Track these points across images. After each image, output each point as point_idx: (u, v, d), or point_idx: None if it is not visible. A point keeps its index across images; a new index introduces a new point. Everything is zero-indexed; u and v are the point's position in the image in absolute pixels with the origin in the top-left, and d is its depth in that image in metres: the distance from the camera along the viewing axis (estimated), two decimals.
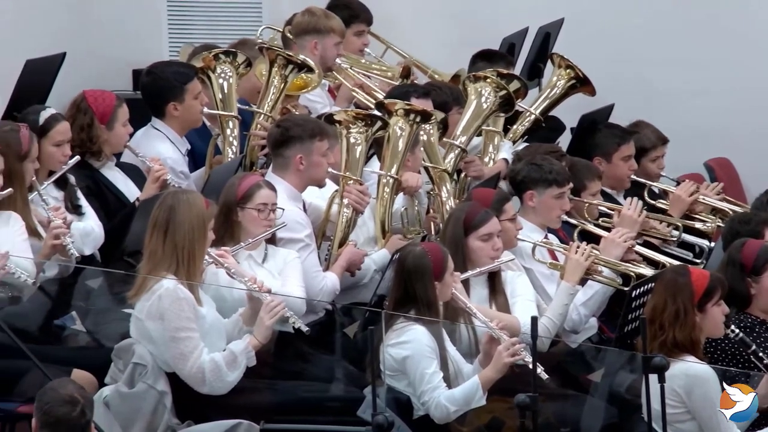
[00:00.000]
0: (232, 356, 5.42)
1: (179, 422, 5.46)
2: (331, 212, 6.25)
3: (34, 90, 6.81)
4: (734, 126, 8.64)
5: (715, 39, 8.67)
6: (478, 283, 6.00)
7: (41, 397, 4.44)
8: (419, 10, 8.67)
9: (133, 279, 5.45)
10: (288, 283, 5.80)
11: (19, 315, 5.73)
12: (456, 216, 6.05)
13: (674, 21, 8.72)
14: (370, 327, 5.31)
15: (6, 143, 5.81)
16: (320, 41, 7.20)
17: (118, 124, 6.35)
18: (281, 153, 6.14)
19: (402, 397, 5.57)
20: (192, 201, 5.47)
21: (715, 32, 8.68)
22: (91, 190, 6.25)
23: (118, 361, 5.49)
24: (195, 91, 6.58)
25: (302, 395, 5.59)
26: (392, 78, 7.50)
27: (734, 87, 8.63)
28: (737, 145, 8.59)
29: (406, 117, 6.38)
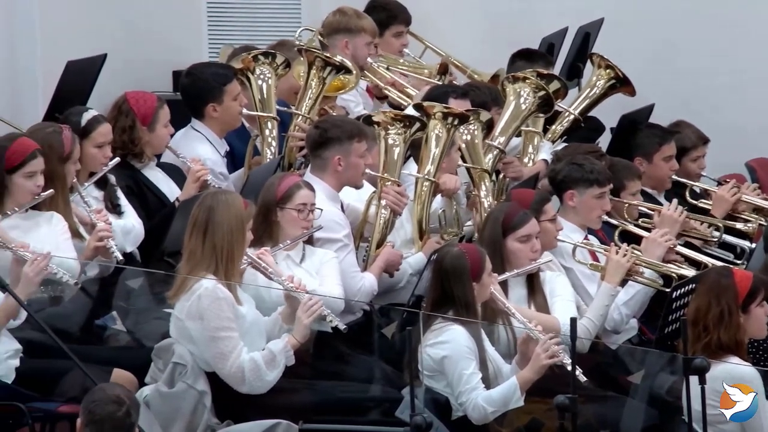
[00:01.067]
0: (271, 355, 5.45)
1: (219, 422, 5.49)
2: (369, 213, 6.26)
3: (75, 91, 6.87)
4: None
5: (755, 38, 8.61)
6: (516, 283, 5.99)
7: (89, 396, 4.48)
8: (458, 10, 8.66)
9: (173, 279, 5.48)
10: (326, 282, 5.82)
11: (61, 315, 5.77)
12: (494, 217, 6.04)
13: (714, 21, 8.67)
14: (408, 327, 5.31)
15: (48, 144, 5.86)
16: (351, 41, 7.22)
17: (160, 126, 6.39)
18: (320, 154, 6.15)
19: (440, 398, 5.57)
20: (231, 201, 5.50)
21: (756, 32, 8.61)
22: (131, 190, 6.29)
23: (158, 361, 5.52)
24: (234, 92, 6.61)
25: (341, 395, 5.60)
26: (429, 75, 7.50)
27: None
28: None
29: (443, 120, 6.38)
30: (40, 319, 5.43)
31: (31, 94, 7.78)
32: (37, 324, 5.44)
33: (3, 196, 5.76)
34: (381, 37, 7.65)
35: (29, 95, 7.78)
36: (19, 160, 5.73)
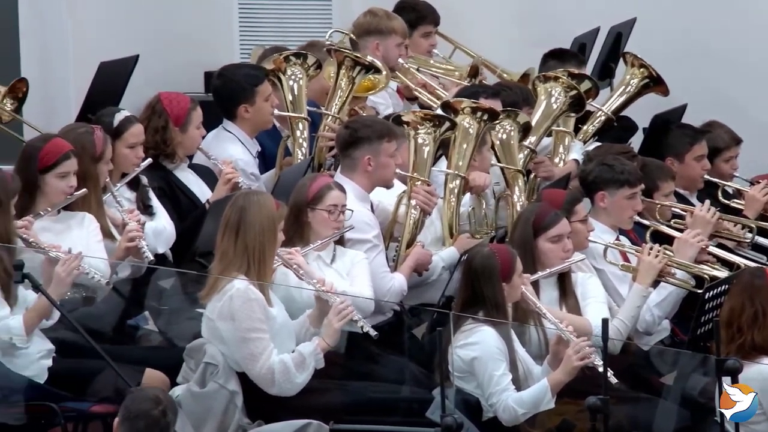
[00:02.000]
0: (300, 358, 5.45)
1: (250, 422, 5.50)
2: (399, 213, 6.26)
3: (107, 92, 6.91)
4: None
5: None
6: (548, 284, 5.97)
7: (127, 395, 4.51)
8: (487, 10, 8.64)
9: (204, 279, 5.49)
10: (356, 283, 5.82)
11: (93, 315, 5.79)
12: (525, 217, 6.03)
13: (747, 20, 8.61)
14: (438, 328, 5.31)
15: (80, 145, 5.88)
16: (382, 42, 7.23)
17: (192, 127, 6.40)
18: (350, 154, 6.15)
19: (471, 399, 5.56)
20: (263, 202, 5.51)
21: None
22: (163, 191, 6.32)
23: (190, 361, 5.54)
24: (265, 93, 6.62)
25: (371, 396, 5.60)
26: (460, 78, 7.49)
27: None
28: None
29: (473, 115, 6.37)
30: (73, 319, 5.46)
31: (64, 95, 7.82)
32: (70, 324, 5.47)
33: (36, 197, 5.79)
34: (410, 38, 7.64)
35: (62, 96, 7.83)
36: (53, 160, 5.76)
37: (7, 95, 6.75)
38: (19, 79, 6.85)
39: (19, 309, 5.50)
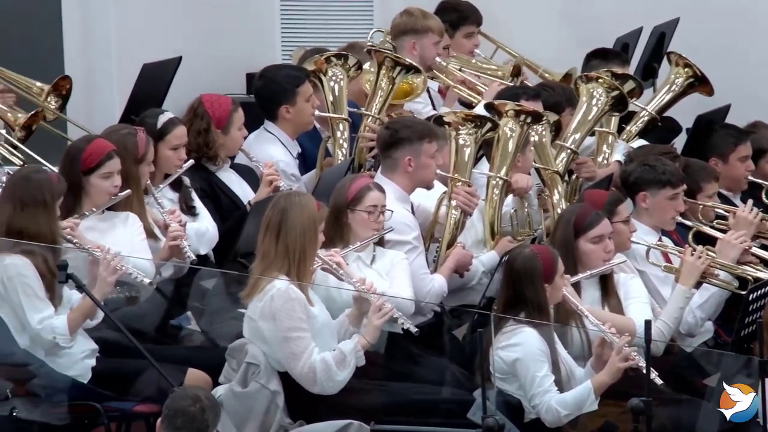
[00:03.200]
0: (341, 356, 5.46)
1: (291, 422, 5.52)
2: (440, 214, 6.25)
3: (150, 94, 6.95)
4: None
5: None
6: (590, 285, 5.94)
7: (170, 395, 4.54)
8: (530, 10, 8.62)
9: (246, 280, 5.52)
10: (396, 284, 5.82)
11: (137, 315, 5.82)
12: (566, 218, 6.00)
13: None
14: (479, 329, 5.30)
15: (123, 146, 5.92)
16: (419, 41, 7.23)
17: (234, 129, 6.43)
18: (390, 154, 6.16)
19: (513, 400, 5.55)
20: (303, 203, 5.52)
21: None
22: (206, 192, 6.35)
23: (232, 361, 5.56)
24: (306, 94, 6.64)
25: (412, 397, 5.60)
26: (502, 78, 7.47)
27: None
28: None
29: (516, 118, 6.36)
30: (116, 318, 5.50)
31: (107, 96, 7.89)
32: (113, 324, 5.51)
33: (80, 197, 5.83)
34: (452, 38, 7.64)
35: (105, 98, 7.90)
36: (96, 161, 5.81)
37: (51, 93, 6.81)
38: (63, 76, 6.90)
39: (64, 309, 5.55)
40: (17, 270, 5.45)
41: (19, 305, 5.47)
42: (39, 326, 5.46)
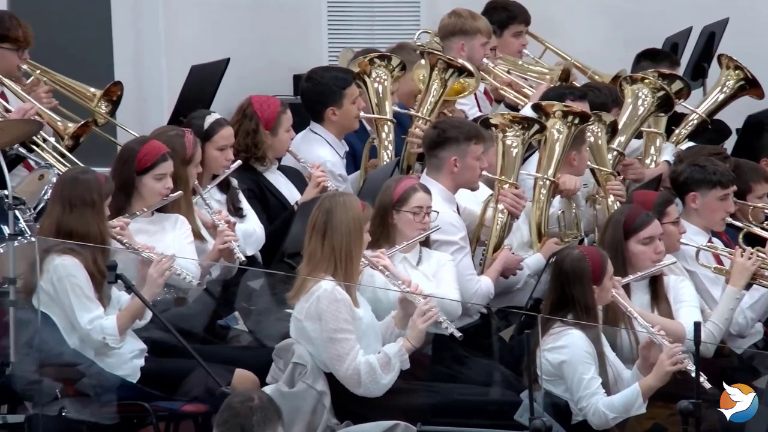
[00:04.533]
0: (386, 358, 5.46)
1: (338, 422, 5.52)
2: (486, 216, 6.23)
3: (199, 95, 7.00)
4: None
5: None
6: (639, 288, 5.90)
7: None
8: (579, 9, 8.58)
9: (293, 280, 5.53)
10: (442, 285, 5.81)
11: (185, 316, 5.86)
12: (616, 219, 5.96)
13: None
14: (526, 331, 5.27)
15: (171, 147, 5.96)
16: (467, 42, 7.22)
17: (282, 130, 6.46)
18: (436, 154, 6.15)
19: (560, 402, 5.52)
20: (349, 204, 5.53)
21: None
22: (253, 193, 6.38)
23: (279, 361, 5.57)
24: (353, 95, 6.65)
25: (459, 398, 5.59)
26: (551, 81, 7.44)
27: None
28: None
29: (563, 119, 6.32)
30: (164, 319, 5.53)
31: (157, 98, 7.95)
32: (162, 324, 5.54)
33: (132, 198, 5.88)
34: (500, 38, 7.62)
35: (154, 99, 7.96)
36: (150, 162, 5.85)
37: (102, 98, 6.87)
38: (115, 82, 6.97)
39: (113, 309, 5.59)
40: (67, 270, 5.50)
41: (69, 305, 5.51)
42: (89, 326, 5.50)
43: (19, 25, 6.66)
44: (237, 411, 4.44)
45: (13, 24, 6.65)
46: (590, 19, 8.62)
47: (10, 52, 6.62)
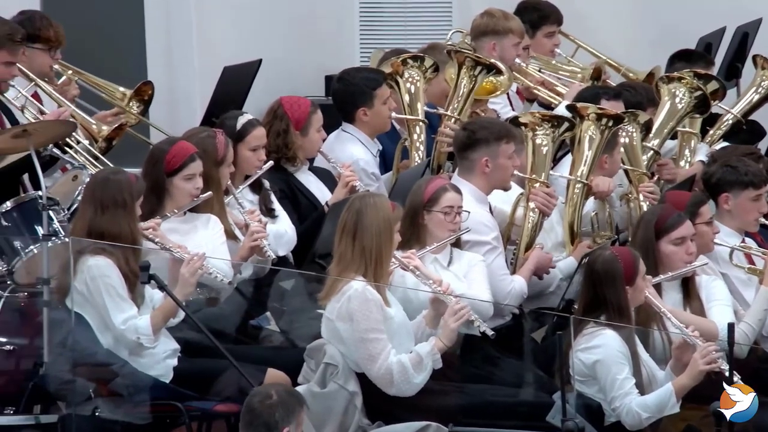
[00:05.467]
0: (418, 358, 5.46)
1: (370, 422, 5.52)
2: (517, 216, 6.22)
3: (231, 96, 7.02)
4: None
5: None
6: (671, 287, 5.88)
7: None
8: (611, 8, 8.54)
9: (324, 280, 5.54)
10: (474, 286, 5.80)
11: (217, 316, 5.87)
12: (647, 219, 5.94)
13: None
14: (558, 332, 5.26)
15: (203, 148, 5.97)
16: (499, 42, 7.20)
17: (313, 130, 6.47)
18: (467, 156, 6.14)
19: (593, 403, 5.51)
20: (379, 204, 5.53)
21: None
22: (285, 193, 6.39)
23: (310, 361, 5.58)
24: (384, 96, 6.65)
25: (490, 399, 5.58)
26: (582, 80, 7.42)
27: None
28: None
29: (597, 121, 6.30)
30: (197, 319, 5.55)
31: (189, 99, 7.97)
32: (194, 324, 5.56)
33: (163, 199, 5.89)
34: (533, 38, 7.61)
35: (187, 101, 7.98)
36: (179, 163, 5.86)
37: (133, 98, 6.91)
38: (145, 82, 7.00)
39: (146, 309, 5.61)
40: (100, 271, 5.52)
41: (102, 305, 5.53)
42: (123, 326, 5.52)
43: (50, 25, 6.70)
44: (258, 411, 4.46)
45: (44, 24, 6.69)
46: (623, 18, 8.58)
47: (42, 53, 6.66)
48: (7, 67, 6.38)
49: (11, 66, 6.40)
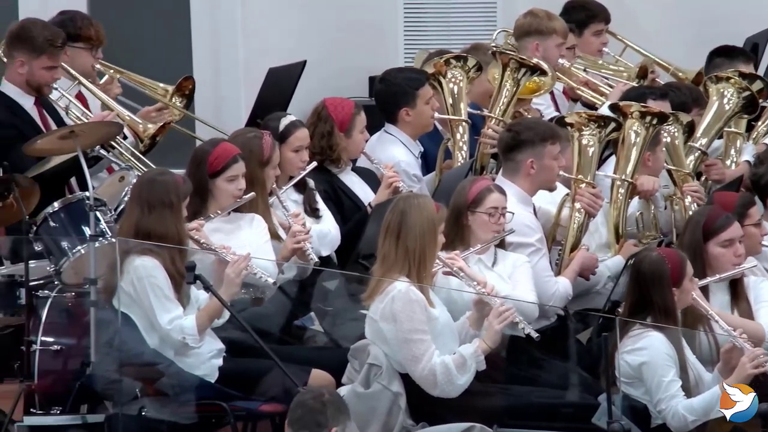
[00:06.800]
0: (461, 359, 5.45)
1: (414, 423, 5.51)
2: (562, 216, 6.19)
3: (276, 97, 7.05)
4: None
5: None
6: (719, 289, 5.83)
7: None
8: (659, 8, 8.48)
9: (368, 281, 5.54)
10: (518, 287, 5.78)
11: (262, 316, 5.89)
12: (695, 221, 5.90)
13: None
14: (604, 333, 5.23)
15: (248, 149, 5.99)
16: (542, 43, 7.18)
17: (356, 132, 6.48)
18: (512, 157, 6.12)
19: (638, 405, 5.47)
20: (423, 205, 5.53)
21: None
22: (328, 194, 6.40)
23: (354, 362, 5.58)
24: (426, 96, 6.65)
25: (535, 400, 5.56)
26: (628, 79, 7.38)
27: None
28: None
29: (641, 120, 6.26)
30: (242, 319, 5.57)
31: (234, 101, 8.01)
32: (239, 324, 5.58)
33: (206, 200, 5.92)
34: (580, 37, 7.58)
35: (232, 102, 8.02)
36: (222, 164, 5.88)
37: (175, 94, 6.94)
38: (186, 77, 7.03)
39: (191, 309, 5.63)
40: (147, 271, 5.55)
41: (149, 306, 5.56)
42: (169, 326, 5.54)
43: (90, 24, 6.75)
44: (310, 407, 4.46)
45: (84, 23, 6.75)
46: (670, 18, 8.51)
47: (84, 52, 6.72)
48: (49, 71, 6.45)
49: (53, 70, 6.46)
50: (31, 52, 6.41)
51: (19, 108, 6.47)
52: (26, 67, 6.43)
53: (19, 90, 6.46)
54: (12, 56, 6.47)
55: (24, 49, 6.42)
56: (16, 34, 6.48)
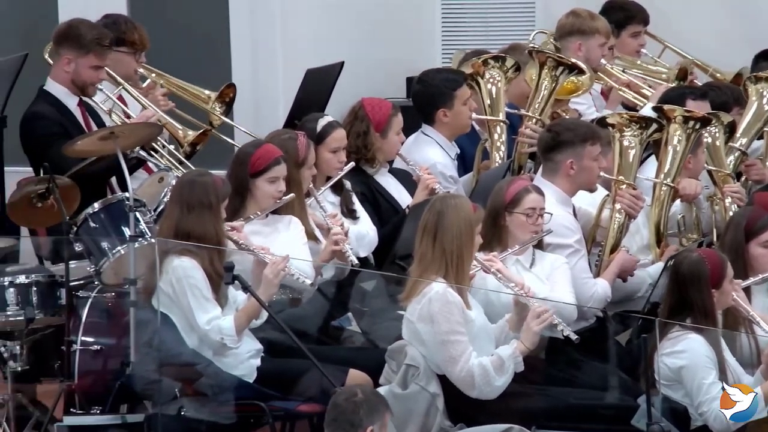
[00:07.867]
0: (499, 361, 5.43)
1: (451, 424, 5.51)
2: (602, 217, 6.15)
3: (314, 99, 7.06)
4: None
5: None
6: (761, 291, 5.79)
7: None
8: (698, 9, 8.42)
9: (405, 281, 5.53)
10: (557, 288, 5.76)
11: (299, 316, 5.90)
12: (736, 221, 5.85)
13: None
14: (643, 335, 5.20)
15: (284, 150, 6.00)
16: (584, 42, 7.15)
17: (392, 133, 6.48)
18: (551, 157, 6.09)
19: (678, 407, 5.44)
20: (460, 205, 5.51)
21: None
22: (365, 196, 6.40)
23: (392, 362, 5.58)
24: (464, 97, 6.63)
25: (574, 402, 5.53)
26: (667, 80, 7.34)
27: None
28: None
29: (684, 124, 6.22)
30: (280, 320, 5.58)
31: (273, 102, 8.03)
32: (277, 325, 5.59)
33: (247, 200, 5.94)
34: (618, 38, 7.54)
35: (270, 103, 8.05)
36: (263, 165, 5.90)
37: (216, 100, 6.97)
38: (228, 84, 7.06)
39: (229, 310, 5.65)
40: (185, 272, 5.57)
41: (187, 306, 5.58)
42: (207, 327, 5.56)
43: (134, 28, 6.78)
44: (343, 408, 4.47)
45: (128, 27, 6.77)
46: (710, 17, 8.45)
47: (127, 56, 6.74)
48: (95, 71, 6.48)
49: (99, 70, 6.49)
50: (78, 49, 6.44)
51: (64, 107, 6.51)
52: (73, 65, 6.46)
53: (65, 89, 6.50)
54: (59, 54, 6.50)
55: (71, 47, 6.46)
56: (64, 32, 6.52)
